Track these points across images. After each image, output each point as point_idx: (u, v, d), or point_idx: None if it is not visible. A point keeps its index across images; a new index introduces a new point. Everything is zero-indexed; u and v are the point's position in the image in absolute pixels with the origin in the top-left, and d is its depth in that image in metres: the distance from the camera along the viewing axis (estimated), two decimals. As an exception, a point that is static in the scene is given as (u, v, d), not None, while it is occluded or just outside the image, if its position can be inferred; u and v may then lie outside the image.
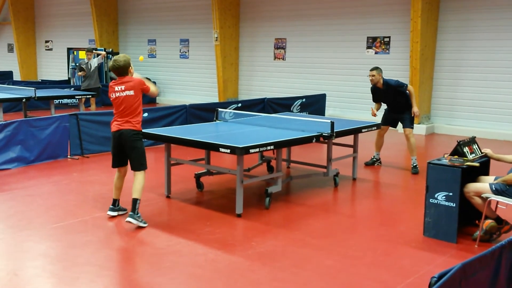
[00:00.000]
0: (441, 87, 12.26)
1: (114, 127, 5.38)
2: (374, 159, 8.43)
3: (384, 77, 8.06)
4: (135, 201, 5.34)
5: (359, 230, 5.47)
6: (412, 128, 8.10)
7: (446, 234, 5.01)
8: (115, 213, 5.64)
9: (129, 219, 5.30)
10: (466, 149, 5.18)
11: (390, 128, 8.49)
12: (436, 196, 5.02)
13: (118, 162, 5.54)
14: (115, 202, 5.67)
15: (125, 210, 5.72)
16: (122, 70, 5.35)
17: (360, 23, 13.34)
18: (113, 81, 5.45)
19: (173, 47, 17.77)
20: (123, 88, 5.31)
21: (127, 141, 5.33)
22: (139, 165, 5.39)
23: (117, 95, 5.32)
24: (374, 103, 8.35)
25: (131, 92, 5.30)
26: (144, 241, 4.99)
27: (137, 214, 5.33)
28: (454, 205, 4.93)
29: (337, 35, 13.83)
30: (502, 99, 11.39)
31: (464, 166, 4.94)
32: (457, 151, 5.16)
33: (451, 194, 4.93)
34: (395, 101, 8.09)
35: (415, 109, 7.90)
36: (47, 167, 7.97)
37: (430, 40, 11.98)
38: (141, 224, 5.31)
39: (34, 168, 7.89)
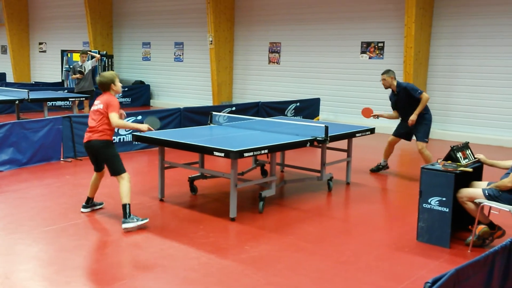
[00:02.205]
0: (434, 93, 12.30)
1: (85, 138, 5.57)
2: (380, 166, 8.19)
3: (399, 81, 7.76)
4: (124, 206, 5.35)
5: (353, 234, 5.47)
6: (426, 142, 7.63)
7: (439, 239, 5.01)
8: (87, 210, 5.84)
9: (123, 226, 5.28)
10: (459, 155, 5.20)
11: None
12: (429, 201, 5.03)
13: (96, 167, 5.74)
14: (89, 200, 5.85)
15: (100, 204, 5.95)
16: (104, 85, 5.49)
17: (355, 28, 13.39)
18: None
19: (167, 50, 17.75)
20: (98, 102, 5.51)
21: (97, 151, 5.50)
22: (115, 171, 5.48)
23: (92, 109, 5.55)
24: (392, 111, 7.99)
25: (101, 106, 5.44)
26: (137, 245, 4.96)
27: (130, 217, 5.31)
28: (448, 210, 4.94)
29: (331, 39, 13.87)
30: (495, 105, 11.46)
31: (458, 172, 4.96)
32: (451, 157, 5.18)
33: (444, 199, 4.95)
34: (407, 108, 7.62)
35: (412, 116, 7.51)
36: (39, 170, 7.92)
37: (424, 46, 12.04)
38: (139, 223, 5.31)
39: (27, 171, 7.84)
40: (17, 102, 11.07)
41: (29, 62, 22.78)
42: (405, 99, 7.65)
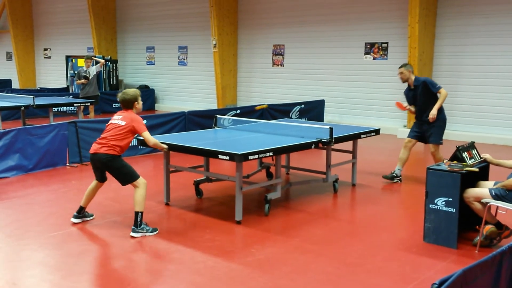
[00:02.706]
0: (439, 93, 12.26)
1: (92, 148, 5.44)
2: (394, 174, 7.64)
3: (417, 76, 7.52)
4: (136, 214, 5.27)
5: (359, 236, 5.45)
6: (440, 143, 7.39)
7: (446, 240, 4.99)
8: (78, 220, 5.64)
9: (131, 234, 5.25)
10: (465, 155, 5.17)
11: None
12: (435, 201, 5.01)
13: (98, 177, 5.61)
14: (81, 210, 5.66)
15: (91, 216, 5.76)
16: (127, 102, 5.42)
17: (358, 29, 13.38)
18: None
19: (171, 54, 17.80)
20: (120, 118, 5.41)
21: (102, 164, 5.38)
22: (126, 181, 5.38)
23: (111, 122, 5.45)
24: (410, 106, 7.62)
25: (123, 122, 5.34)
26: (143, 249, 4.97)
27: (140, 226, 5.26)
28: (454, 211, 4.92)
29: (335, 41, 13.86)
30: (500, 104, 11.41)
31: (464, 172, 4.93)
32: (456, 157, 5.15)
33: (450, 199, 4.92)
34: (423, 103, 7.35)
35: (433, 110, 7.22)
36: (45, 175, 7.95)
37: (428, 46, 12.01)
38: (148, 234, 5.25)
39: (33, 176, 7.87)
40: (22, 108, 11.12)
41: (34, 68, 22.90)
42: (423, 95, 7.37)
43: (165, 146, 5.71)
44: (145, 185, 5.38)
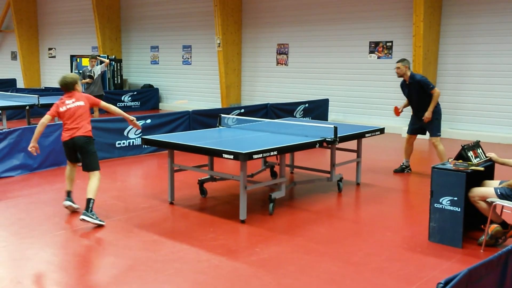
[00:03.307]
0: (444, 91, 12.19)
1: (66, 137, 5.74)
2: (404, 166, 8.11)
3: (413, 72, 7.75)
4: (88, 200, 5.52)
5: (364, 235, 5.44)
6: (439, 135, 7.72)
7: (451, 239, 4.97)
8: (70, 202, 5.94)
9: (82, 217, 5.45)
10: (470, 154, 5.15)
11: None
12: (440, 201, 4.99)
13: (71, 158, 5.94)
14: (69, 193, 5.97)
15: (77, 206, 6.02)
16: (70, 85, 5.83)
17: (363, 28, 13.35)
18: (63, 96, 5.91)
19: (175, 53, 17.81)
20: (74, 100, 5.76)
21: (81, 147, 5.69)
22: (92, 167, 5.70)
23: (68, 107, 5.75)
24: (405, 100, 7.98)
25: (82, 103, 5.76)
26: (147, 248, 4.98)
27: (91, 212, 5.48)
28: (459, 210, 4.90)
29: (339, 40, 13.84)
30: (505, 103, 11.36)
31: (469, 171, 4.91)
32: (462, 156, 5.14)
33: (456, 198, 4.90)
34: (418, 101, 7.68)
35: (427, 113, 7.55)
36: (50, 174, 7.97)
37: (432, 45, 11.97)
38: (98, 222, 5.46)
39: (38, 175, 7.89)
40: (27, 107, 11.16)
41: (39, 68, 22.97)
42: (417, 92, 7.65)
43: (131, 117, 6.13)
44: (100, 178, 5.71)
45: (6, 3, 22.56)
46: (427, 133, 8.03)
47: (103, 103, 5.98)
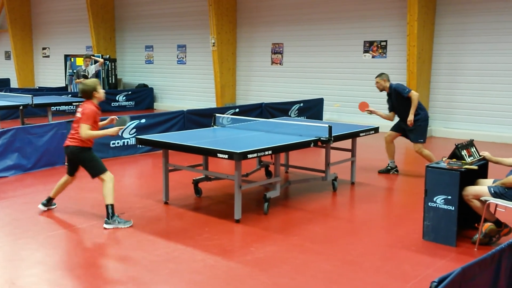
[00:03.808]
0: (438, 91, 12.28)
1: (65, 142, 5.71)
2: (389, 167, 8.08)
3: (392, 82, 7.83)
4: (106, 207, 5.47)
5: (358, 234, 5.45)
6: (421, 142, 7.67)
7: (445, 238, 4.99)
8: (45, 208, 5.95)
9: (104, 226, 5.43)
10: (464, 152, 5.18)
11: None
12: (435, 199, 5.01)
13: (68, 171, 5.88)
14: (49, 200, 5.97)
15: (55, 205, 6.05)
16: (86, 93, 5.60)
17: (357, 28, 13.37)
18: None
19: (170, 53, 17.78)
20: (80, 110, 5.60)
21: (73, 156, 5.65)
22: (95, 173, 5.58)
23: (76, 114, 5.67)
24: (389, 112, 8.01)
25: (79, 115, 5.59)
26: (142, 248, 4.96)
27: (112, 218, 5.43)
28: (453, 209, 4.92)
29: (334, 39, 13.86)
30: (499, 102, 11.41)
31: (463, 169, 4.93)
32: (455, 155, 5.16)
33: (450, 197, 4.92)
34: (401, 109, 7.73)
35: (409, 116, 7.55)
36: (44, 175, 7.94)
37: (426, 44, 12.01)
38: (121, 226, 5.42)
39: (31, 176, 7.86)
40: (21, 107, 11.10)
41: (32, 67, 22.87)
42: (397, 100, 7.76)
43: (107, 131, 5.56)
44: (112, 179, 5.56)
45: (0, 2, 22.45)
46: (410, 138, 7.92)
47: (81, 126, 5.41)
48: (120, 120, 5.77)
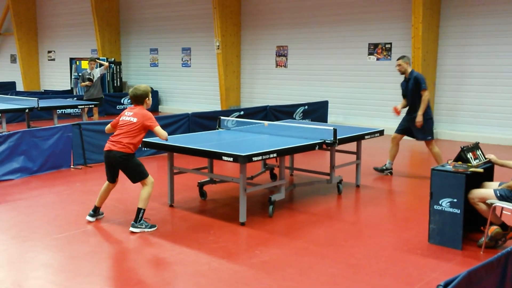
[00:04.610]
0: (443, 93, 12.25)
1: (106, 146, 5.53)
2: (384, 167, 8.11)
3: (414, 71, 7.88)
4: (138, 210, 5.44)
5: (363, 237, 5.44)
6: (430, 139, 7.78)
7: (451, 241, 4.97)
8: (93, 219, 5.77)
9: (131, 229, 5.39)
10: (469, 155, 5.15)
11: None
12: (440, 202, 4.99)
13: (109, 178, 5.69)
14: (96, 209, 5.78)
15: (102, 214, 5.90)
16: (138, 98, 5.51)
17: (361, 30, 13.37)
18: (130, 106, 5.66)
19: (175, 55, 17.82)
20: (131, 114, 5.47)
21: (117, 162, 5.46)
22: (136, 179, 5.52)
23: (123, 118, 5.51)
24: (403, 99, 8.03)
25: (135, 119, 5.42)
26: (147, 251, 4.97)
27: (139, 222, 5.40)
28: (459, 212, 4.90)
29: (338, 42, 13.85)
30: (505, 104, 11.37)
31: (468, 172, 4.92)
32: (461, 157, 5.14)
33: (455, 200, 4.91)
34: (412, 99, 7.78)
35: (418, 117, 7.63)
36: (50, 177, 7.97)
37: (431, 46, 11.99)
38: (147, 230, 5.39)
39: (37, 179, 7.89)
40: (27, 110, 11.16)
41: (38, 71, 22.97)
42: (412, 89, 7.76)
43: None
44: (153, 184, 5.51)
45: (5, 6, 22.58)
46: (418, 137, 7.97)
47: (158, 129, 5.38)
48: None
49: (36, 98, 11.70)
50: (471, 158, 5.14)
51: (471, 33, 11.73)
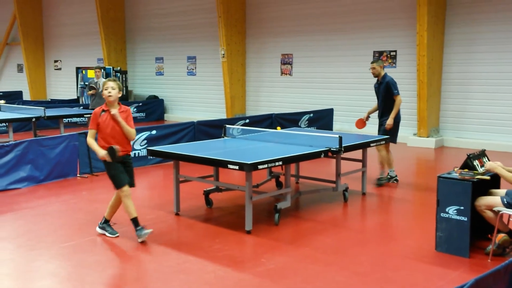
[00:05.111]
0: (449, 100, 12.23)
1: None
2: (389, 177, 8.00)
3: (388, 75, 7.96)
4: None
5: (369, 245, 5.42)
6: (392, 142, 7.80)
7: (458, 249, 4.95)
8: (144, 232, 5.49)
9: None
10: (476, 163, 5.14)
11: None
12: (447, 210, 4.97)
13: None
14: (135, 221, 5.49)
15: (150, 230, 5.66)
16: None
17: (366, 38, 13.39)
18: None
19: (180, 64, 17.90)
20: None
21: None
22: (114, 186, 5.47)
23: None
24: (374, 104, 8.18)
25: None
26: (153, 260, 4.97)
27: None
28: (466, 219, 4.88)
29: (343, 49, 13.88)
30: (511, 111, 11.33)
31: (475, 180, 4.90)
32: (467, 165, 5.12)
33: (462, 208, 4.89)
34: (383, 103, 7.92)
35: (389, 120, 7.74)
36: (56, 186, 8.00)
37: (436, 54, 11.98)
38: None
39: (44, 187, 7.92)
40: (33, 119, 11.22)
41: (45, 80, 23.13)
42: (384, 93, 7.87)
43: (98, 149, 5.41)
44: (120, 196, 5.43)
45: (12, 16, 22.80)
46: (398, 141, 8.10)
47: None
48: (111, 152, 5.32)
49: (43, 107, 11.77)
50: (477, 165, 5.12)
51: (476, 40, 11.73)
